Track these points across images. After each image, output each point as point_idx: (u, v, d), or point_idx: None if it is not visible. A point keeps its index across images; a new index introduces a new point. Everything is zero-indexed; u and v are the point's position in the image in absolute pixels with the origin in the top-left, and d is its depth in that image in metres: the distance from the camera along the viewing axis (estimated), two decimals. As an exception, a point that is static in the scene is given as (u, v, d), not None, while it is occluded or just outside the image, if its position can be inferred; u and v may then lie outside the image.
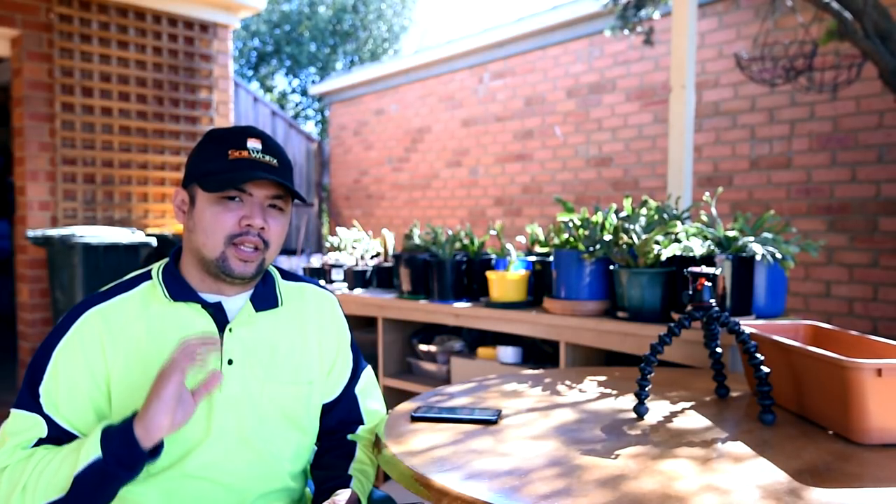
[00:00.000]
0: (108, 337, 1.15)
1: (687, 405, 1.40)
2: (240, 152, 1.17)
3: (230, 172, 1.16)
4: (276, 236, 1.21)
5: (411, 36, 14.30)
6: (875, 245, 3.81)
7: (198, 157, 1.21)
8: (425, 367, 2.75)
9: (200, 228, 1.18)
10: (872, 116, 3.83)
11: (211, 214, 1.17)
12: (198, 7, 4.80)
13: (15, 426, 1.11)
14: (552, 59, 5.65)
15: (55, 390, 1.12)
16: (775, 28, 3.98)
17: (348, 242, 3.21)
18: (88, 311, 1.17)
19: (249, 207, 1.18)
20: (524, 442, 1.18)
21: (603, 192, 5.23)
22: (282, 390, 1.24)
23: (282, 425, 1.24)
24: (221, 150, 1.18)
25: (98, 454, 1.01)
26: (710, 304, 1.38)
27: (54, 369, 1.13)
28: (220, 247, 1.17)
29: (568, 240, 2.20)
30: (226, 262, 1.18)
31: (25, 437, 1.10)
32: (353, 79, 7.71)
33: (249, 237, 1.17)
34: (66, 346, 1.14)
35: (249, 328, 1.23)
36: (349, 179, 7.88)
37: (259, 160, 1.18)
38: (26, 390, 1.13)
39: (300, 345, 1.29)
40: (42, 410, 1.11)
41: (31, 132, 4.24)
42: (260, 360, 1.23)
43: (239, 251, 1.17)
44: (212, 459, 1.16)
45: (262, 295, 1.26)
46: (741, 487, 0.96)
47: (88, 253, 3.84)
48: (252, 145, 1.19)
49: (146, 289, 1.21)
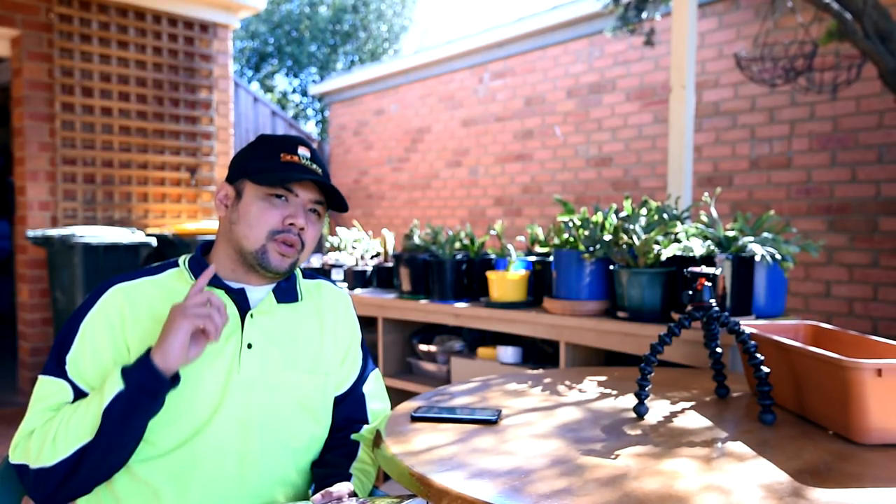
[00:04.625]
0: (129, 312, 1.20)
1: (687, 405, 1.40)
2: (291, 156, 1.26)
3: (283, 171, 1.24)
4: (311, 239, 1.29)
5: (411, 36, 14.30)
6: (875, 245, 3.81)
7: (250, 155, 1.29)
8: (425, 367, 2.75)
9: (245, 221, 1.24)
10: (872, 116, 3.83)
11: (257, 209, 1.24)
12: (198, 7, 4.80)
13: (42, 391, 1.17)
14: (552, 59, 5.65)
15: (81, 360, 1.17)
16: (775, 28, 3.98)
17: (348, 242, 3.21)
18: (113, 287, 1.23)
19: (294, 208, 1.25)
20: (525, 442, 1.18)
21: (603, 192, 5.23)
22: (299, 379, 1.28)
23: (297, 413, 1.27)
24: (274, 151, 1.27)
25: (121, 386, 1.08)
26: (710, 304, 1.38)
27: (81, 340, 1.18)
28: (262, 240, 1.24)
29: (568, 240, 2.20)
30: (265, 255, 1.24)
31: (51, 402, 1.16)
32: (353, 79, 7.71)
33: (290, 235, 1.24)
34: (92, 319, 1.19)
35: (270, 317, 1.28)
36: (349, 179, 7.88)
37: (308, 166, 1.27)
38: (53, 359, 1.18)
39: (317, 337, 1.33)
40: (67, 376, 1.17)
41: (31, 132, 4.24)
42: (279, 347, 1.27)
43: (280, 246, 1.24)
44: (221, 441, 1.18)
45: (284, 289, 1.33)
46: (742, 487, 0.96)
47: (88, 253, 3.84)
48: (302, 152, 1.28)
49: (172, 273, 1.28)
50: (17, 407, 4.23)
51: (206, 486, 1.18)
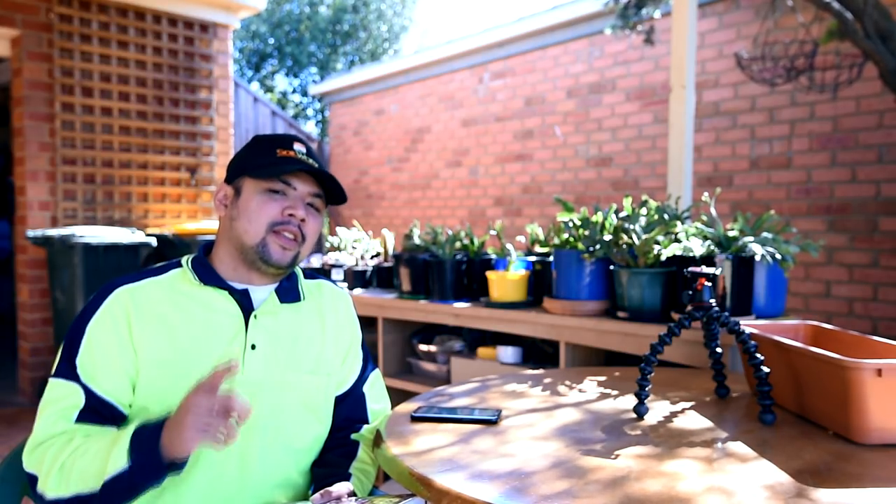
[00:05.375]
0: (135, 313, 1.20)
1: (687, 405, 1.40)
2: (287, 151, 1.27)
3: (280, 165, 1.25)
4: (312, 232, 1.29)
5: (411, 36, 14.30)
6: (875, 245, 3.81)
7: (247, 154, 1.30)
8: (425, 367, 2.75)
9: (245, 216, 1.25)
10: (872, 116, 3.83)
11: (256, 203, 1.25)
12: (198, 7, 4.80)
13: (53, 394, 1.17)
14: (552, 59, 5.65)
15: (91, 362, 1.17)
16: (775, 28, 3.98)
17: (348, 242, 3.21)
18: (118, 289, 1.22)
19: (293, 200, 1.26)
20: (525, 442, 1.18)
21: (603, 192, 5.23)
22: (303, 379, 1.28)
23: (300, 414, 1.27)
24: (271, 148, 1.28)
25: (125, 464, 1.05)
26: (710, 304, 1.38)
27: (89, 343, 1.18)
28: (262, 233, 1.24)
29: (568, 240, 2.20)
30: (266, 248, 1.25)
31: (64, 405, 1.15)
32: (353, 79, 7.71)
33: (290, 226, 1.25)
34: (98, 321, 1.19)
35: (273, 317, 1.28)
36: (349, 179, 7.88)
37: (304, 160, 1.28)
38: (64, 361, 1.18)
39: (319, 338, 1.34)
40: (79, 379, 1.16)
41: (31, 132, 4.24)
42: (283, 348, 1.27)
43: (280, 238, 1.25)
44: None
45: (287, 289, 1.33)
46: (744, 488, 0.96)
47: (88, 253, 3.84)
48: (298, 148, 1.29)
49: (176, 274, 1.28)
50: (17, 407, 4.23)
51: (206, 486, 1.18)
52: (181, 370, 1.18)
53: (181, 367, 1.18)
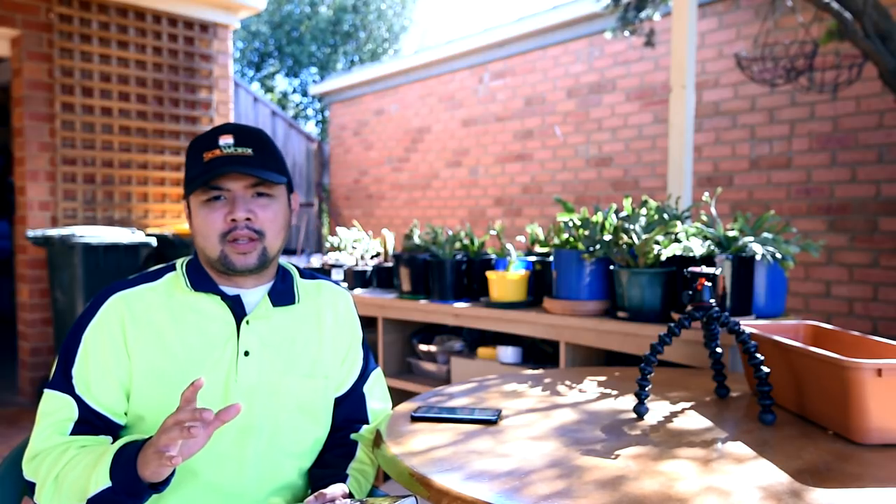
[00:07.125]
0: (130, 321, 1.19)
1: (687, 405, 1.40)
2: (212, 152, 1.20)
3: (203, 175, 1.19)
4: (268, 223, 1.22)
5: (411, 36, 14.30)
6: (875, 245, 3.81)
7: (186, 167, 1.26)
8: (425, 367, 2.75)
9: (199, 233, 1.23)
10: (872, 116, 3.83)
11: (201, 218, 1.22)
12: (198, 7, 4.80)
13: (49, 406, 1.17)
14: (552, 59, 5.65)
15: (86, 373, 1.17)
16: (775, 28, 3.98)
17: (348, 242, 3.21)
18: (114, 295, 1.22)
19: (230, 203, 1.20)
20: (524, 442, 1.18)
21: (603, 192, 5.23)
22: (299, 383, 1.27)
23: (297, 418, 1.26)
24: (198, 154, 1.22)
25: (108, 483, 1.05)
26: (710, 304, 1.38)
27: (84, 352, 1.18)
28: (218, 246, 1.21)
29: (568, 240, 2.20)
30: (227, 259, 1.21)
31: (58, 418, 1.16)
32: (353, 79, 7.71)
33: (239, 231, 1.20)
34: (94, 330, 1.19)
35: (266, 322, 1.26)
36: (349, 179, 7.88)
37: (231, 154, 1.20)
38: (60, 372, 1.18)
39: (316, 340, 1.31)
40: (74, 391, 1.16)
41: (31, 132, 4.24)
42: (277, 352, 1.25)
43: (234, 245, 1.21)
44: (219, 448, 1.17)
45: (280, 291, 1.30)
46: (742, 488, 0.96)
47: (88, 253, 3.84)
48: (223, 142, 1.21)
49: (170, 279, 1.26)
50: (17, 407, 4.23)
51: (204, 492, 1.17)
52: (175, 379, 1.17)
53: (175, 376, 1.17)
